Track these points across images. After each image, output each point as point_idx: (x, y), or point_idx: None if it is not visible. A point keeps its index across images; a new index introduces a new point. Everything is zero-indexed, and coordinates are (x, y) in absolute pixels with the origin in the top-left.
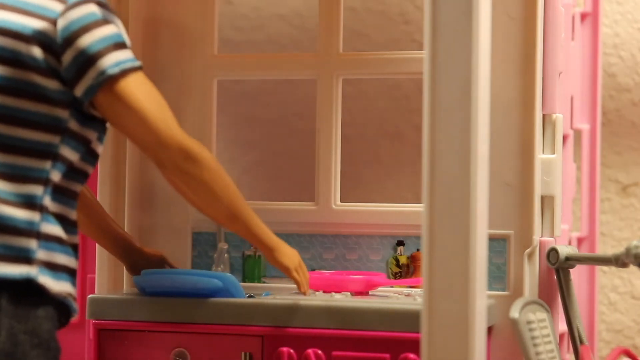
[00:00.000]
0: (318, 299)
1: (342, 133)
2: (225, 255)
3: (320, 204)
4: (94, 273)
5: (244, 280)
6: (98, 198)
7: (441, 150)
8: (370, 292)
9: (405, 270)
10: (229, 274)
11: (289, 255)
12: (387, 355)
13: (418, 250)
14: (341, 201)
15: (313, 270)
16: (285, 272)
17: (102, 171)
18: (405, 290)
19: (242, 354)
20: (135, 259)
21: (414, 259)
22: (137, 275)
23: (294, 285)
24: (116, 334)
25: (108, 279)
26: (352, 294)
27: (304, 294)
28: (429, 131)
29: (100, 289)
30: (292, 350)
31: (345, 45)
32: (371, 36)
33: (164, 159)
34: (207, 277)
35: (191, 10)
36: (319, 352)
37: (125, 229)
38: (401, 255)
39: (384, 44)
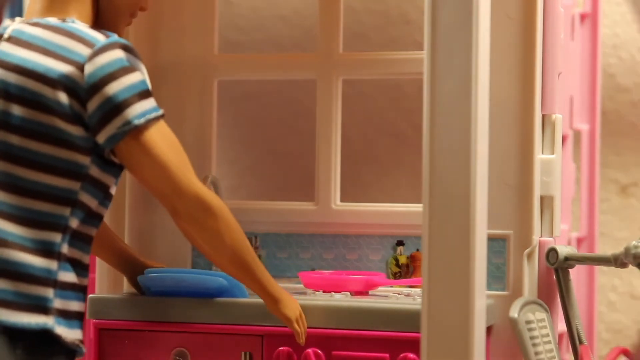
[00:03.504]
0: (318, 299)
1: (342, 133)
2: None
3: (320, 204)
4: (94, 273)
5: None
6: None
7: (441, 150)
8: (370, 292)
9: (405, 270)
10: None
11: (292, 307)
12: (387, 355)
13: (418, 250)
14: (341, 201)
15: (313, 270)
16: (286, 323)
17: None
18: (405, 290)
19: (242, 353)
20: (139, 273)
21: (413, 259)
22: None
23: (294, 286)
24: (116, 334)
25: (108, 279)
26: (352, 294)
27: (301, 344)
28: (429, 131)
29: (100, 289)
30: (292, 350)
31: (346, 46)
32: (371, 36)
33: (180, 208)
34: (213, 276)
35: (191, 10)
36: (319, 352)
37: (126, 230)
38: (401, 255)
39: (384, 44)
